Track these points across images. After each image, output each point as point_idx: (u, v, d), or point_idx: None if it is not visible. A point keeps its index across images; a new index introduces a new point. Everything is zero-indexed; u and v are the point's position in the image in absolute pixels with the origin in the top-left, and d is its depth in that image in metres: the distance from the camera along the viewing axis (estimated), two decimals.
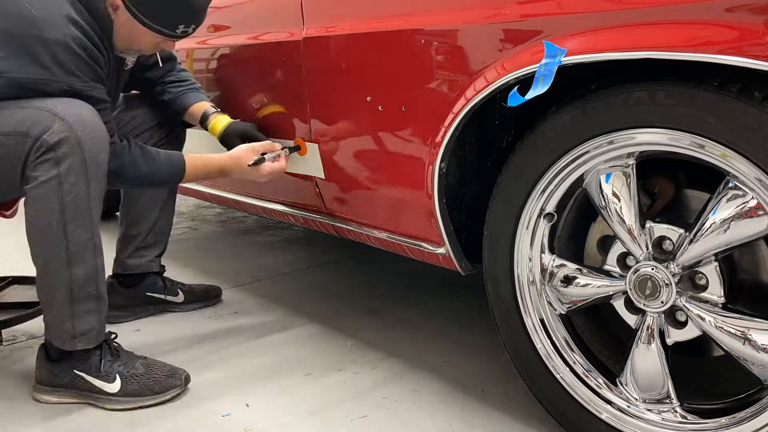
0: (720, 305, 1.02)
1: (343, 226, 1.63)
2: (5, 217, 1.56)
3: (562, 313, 1.21)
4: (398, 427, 1.32)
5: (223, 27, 1.84)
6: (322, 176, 1.59)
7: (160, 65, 1.72)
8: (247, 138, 1.68)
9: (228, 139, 1.70)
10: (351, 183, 1.53)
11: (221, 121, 1.73)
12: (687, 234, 1.02)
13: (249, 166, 1.59)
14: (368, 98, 1.38)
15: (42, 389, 1.44)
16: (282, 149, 1.63)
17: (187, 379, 1.47)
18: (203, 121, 1.76)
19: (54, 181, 1.28)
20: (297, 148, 1.62)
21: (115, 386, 1.41)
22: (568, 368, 1.20)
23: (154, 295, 1.92)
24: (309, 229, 1.83)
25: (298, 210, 1.77)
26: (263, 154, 1.61)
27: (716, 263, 1.01)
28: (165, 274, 1.97)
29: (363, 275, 2.25)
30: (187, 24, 1.41)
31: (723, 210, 0.97)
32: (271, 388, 1.48)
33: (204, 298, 2.00)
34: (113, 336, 1.50)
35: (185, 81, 1.81)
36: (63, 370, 1.41)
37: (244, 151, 1.61)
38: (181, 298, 1.96)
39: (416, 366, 1.57)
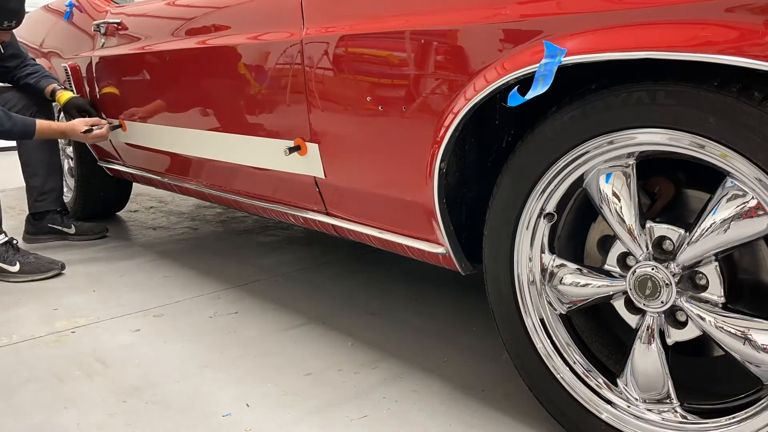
0: (720, 305, 1.02)
1: (343, 226, 1.63)
2: None
3: (562, 313, 1.21)
4: (398, 427, 1.32)
5: (223, 27, 1.84)
6: (322, 176, 1.59)
7: (1, 52, 2.45)
8: (82, 110, 2.48)
9: (68, 110, 2.49)
10: (351, 183, 1.53)
11: (65, 95, 2.51)
12: (687, 234, 1.02)
13: (81, 132, 2.36)
14: (368, 98, 1.38)
15: None
16: (107, 124, 2.40)
17: (63, 266, 2.31)
18: (52, 96, 2.54)
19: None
20: (297, 148, 1.61)
21: (15, 268, 2.24)
22: (568, 368, 1.20)
23: (53, 226, 2.70)
24: (309, 229, 1.83)
25: (298, 210, 1.77)
26: (93, 125, 2.39)
27: (716, 263, 1.01)
28: (69, 218, 2.77)
29: (363, 275, 2.25)
30: (9, 20, 2.20)
31: (723, 210, 0.97)
32: (271, 388, 1.48)
33: (90, 232, 2.77)
34: (16, 241, 2.32)
35: (39, 71, 2.58)
36: None
37: (78, 121, 2.38)
38: (73, 230, 2.73)
39: (416, 366, 1.57)
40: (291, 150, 1.62)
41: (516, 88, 1.08)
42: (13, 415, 1.39)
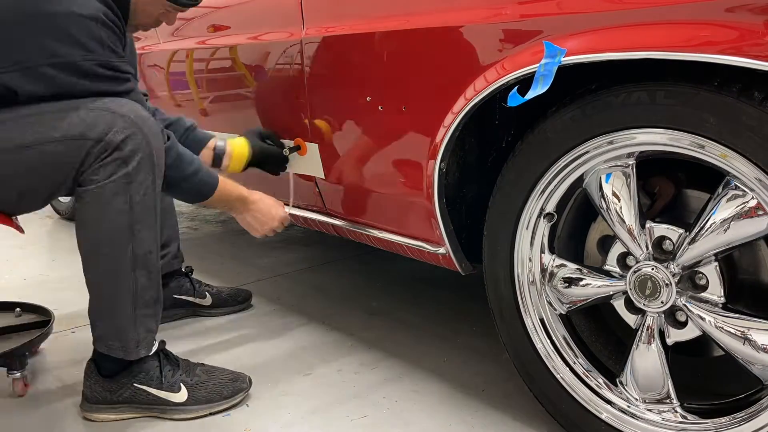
0: (720, 305, 1.02)
1: (343, 226, 1.63)
2: (21, 231, 1.38)
3: (562, 313, 1.22)
4: (398, 427, 1.32)
5: (223, 27, 1.84)
6: (322, 176, 1.59)
7: None
8: (267, 136, 1.65)
9: (261, 164, 1.65)
10: (351, 183, 1.53)
11: (241, 144, 1.63)
12: (687, 234, 1.02)
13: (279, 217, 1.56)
14: (368, 98, 1.38)
15: (95, 407, 1.35)
16: (283, 149, 1.63)
17: (251, 382, 1.44)
18: (217, 158, 1.63)
19: (123, 180, 1.19)
20: (297, 148, 1.62)
21: (182, 395, 1.36)
22: (568, 368, 1.20)
23: (182, 297, 1.86)
24: (309, 229, 1.83)
25: (297, 210, 1.77)
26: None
27: (716, 263, 1.01)
28: (201, 282, 1.92)
29: (363, 275, 2.25)
30: None
31: (723, 210, 0.97)
32: (271, 388, 1.48)
33: (231, 302, 1.92)
34: (165, 344, 1.42)
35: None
36: (121, 385, 1.34)
37: (275, 200, 1.58)
38: (209, 301, 1.89)
39: (416, 366, 1.57)
40: (291, 150, 1.62)
41: (516, 88, 1.08)
42: (16, 414, 1.39)
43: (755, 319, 0.98)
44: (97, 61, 1.21)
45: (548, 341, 1.22)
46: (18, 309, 1.64)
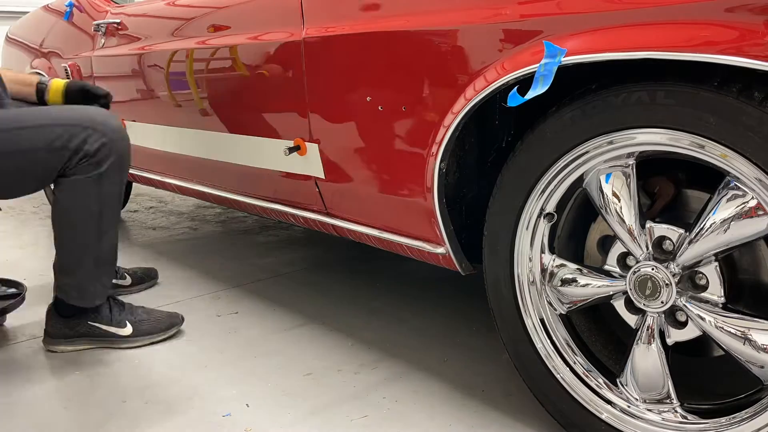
0: (720, 305, 1.02)
1: (343, 226, 1.63)
2: None
3: (562, 313, 1.21)
4: (398, 427, 1.32)
5: (223, 27, 1.84)
6: (323, 176, 1.59)
7: None
8: (87, 92, 1.83)
9: (72, 96, 1.81)
10: (351, 183, 1.53)
11: (58, 83, 1.82)
12: (687, 234, 1.02)
13: None
14: (368, 98, 1.38)
15: (56, 341, 1.68)
16: (283, 149, 1.69)
17: (183, 319, 1.79)
18: (40, 93, 1.81)
19: (96, 178, 1.52)
20: (297, 148, 1.61)
21: (127, 330, 1.70)
22: (568, 368, 1.20)
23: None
24: (309, 229, 1.83)
25: (298, 210, 1.77)
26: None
27: (716, 263, 1.01)
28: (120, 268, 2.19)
29: (363, 275, 2.25)
30: None
31: (723, 210, 0.97)
32: (271, 388, 1.48)
33: (145, 279, 2.22)
34: (115, 292, 1.81)
35: None
36: (78, 323, 1.67)
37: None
38: (129, 281, 2.17)
39: (416, 366, 1.57)
40: (291, 150, 1.62)
41: (516, 88, 1.08)
42: (13, 416, 1.39)
43: (755, 319, 0.98)
44: None
45: (548, 341, 1.22)
46: None
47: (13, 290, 1.95)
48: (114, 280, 2.06)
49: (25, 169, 1.50)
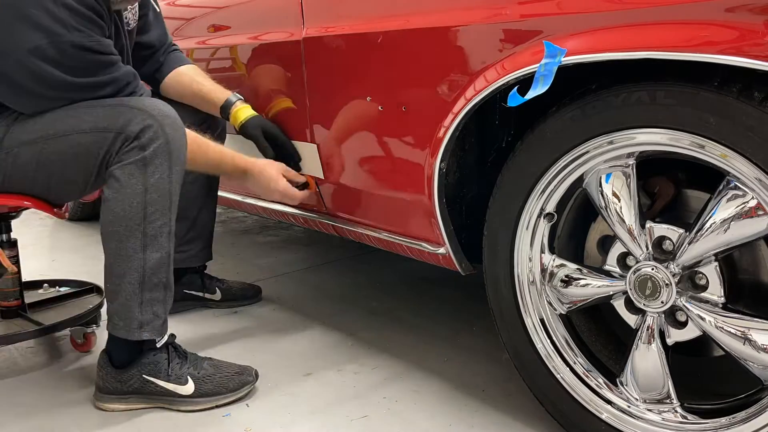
0: (720, 305, 1.02)
1: (343, 226, 1.63)
2: (61, 217, 1.58)
3: (562, 313, 1.21)
4: (398, 427, 1.32)
5: (223, 27, 1.84)
6: (322, 176, 1.59)
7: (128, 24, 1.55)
8: (274, 140, 1.65)
9: (250, 136, 1.66)
10: (351, 183, 1.53)
11: (243, 111, 1.67)
12: (687, 234, 1.02)
13: (278, 186, 1.56)
14: (368, 98, 1.38)
15: (106, 397, 1.40)
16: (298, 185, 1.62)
17: (257, 375, 1.47)
18: (225, 112, 1.70)
19: (139, 164, 1.28)
20: (306, 185, 1.62)
21: (189, 388, 1.39)
22: (568, 368, 1.20)
23: (191, 292, 1.93)
24: (309, 229, 1.83)
25: (298, 210, 1.77)
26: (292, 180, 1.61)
27: (716, 263, 1.01)
28: (213, 279, 1.98)
29: (363, 275, 2.25)
30: None
31: (723, 210, 0.97)
32: (271, 388, 1.48)
33: (241, 296, 1.98)
34: (175, 338, 1.46)
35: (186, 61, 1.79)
36: (131, 376, 1.38)
37: (277, 166, 1.58)
38: (218, 296, 1.95)
39: (416, 366, 1.57)
40: (301, 187, 1.61)
41: (516, 88, 1.08)
42: (14, 417, 1.39)
43: (755, 319, 0.98)
44: (61, 43, 1.25)
45: (548, 341, 1.22)
46: (45, 284, 1.84)
47: (63, 289, 1.81)
48: (199, 293, 1.93)
49: (72, 154, 1.31)
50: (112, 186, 1.30)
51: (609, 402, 1.16)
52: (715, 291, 1.02)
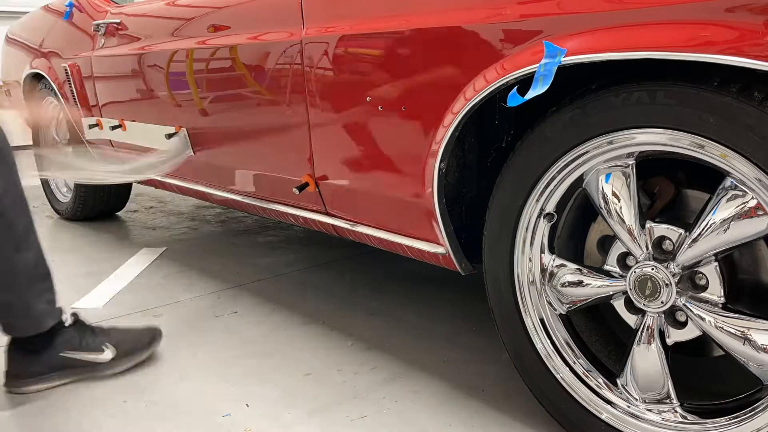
0: (720, 305, 1.02)
1: (343, 226, 1.63)
2: None
3: (562, 313, 1.22)
4: (398, 427, 1.32)
5: (223, 27, 1.84)
6: (322, 176, 1.59)
7: None
8: None
9: None
10: (351, 183, 1.53)
11: None
12: (687, 234, 1.02)
13: None
14: (368, 98, 1.38)
15: (26, 382, 1.43)
16: (293, 189, 1.64)
17: (161, 331, 1.59)
18: None
19: None
20: (306, 185, 1.63)
21: (108, 354, 1.46)
22: (568, 368, 1.20)
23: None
24: (309, 229, 1.83)
25: (298, 210, 1.77)
26: None
27: (716, 263, 1.01)
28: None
29: (363, 275, 2.25)
30: None
31: (723, 210, 0.97)
32: (271, 388, 1.48)
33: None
34: (79, 315, 1.53)
35: None
36: (49, 357, 1.42)
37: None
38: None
39: (416, 366, 1.57)
40: (300, 189, 1.62)
41: (516, 88, 1.08)
42: (14, 416, 1.39)
43: (755, 319, 0.98)
44: None
45: (548, 341, 1.22)
46: None
47: None
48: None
49: None
50: None
51: (609, 402, 1.16)
52: (715, 291, 1.02)
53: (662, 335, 1.09)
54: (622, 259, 1.13)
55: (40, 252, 1.40)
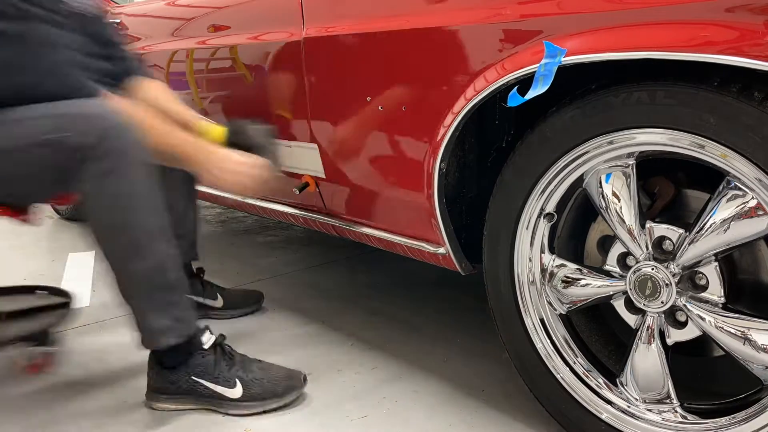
0: (720, 305, 1.02)
1: (343, 226, 1.63)
2: (27, 222, 1.47)
3: (562, 313, 1.21)
4: (398, 427, 1.32)
5: (223, 27, 1.84)
6: (323, 176, 1.59)
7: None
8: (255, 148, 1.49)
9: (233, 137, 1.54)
10: (351, 183, 1.53)
11: (215, 131, 1.55)
12: (687, 234, 1.02)
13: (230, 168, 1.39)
14: (368, 98, 1.38)
15: (158, 397, 1.40)
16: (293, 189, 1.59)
17: (305, 380, 1.45)
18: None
19: (99, 176, 1.21)
20: (306, 185, 1.63)
21: (237, 391, 1.37)
22: (568, 368, 1.20)
23: (192, 297, 1.64)
24: (309, 229, 1.83)
25: (298, 210, 1.77)
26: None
27: (716, 263, 1.01)
28: (212, 285, 1.92)
29: (363, 275, 2.25)
30: None
31: (723, 210, 0.97)
32: None
33: (243, 304, 1.92)
34: (225, 339, 1.46)
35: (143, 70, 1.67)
36: (180, 377, 1.38)
37: (231, 153, 1.41)
38: (220, 302, 1.89)
39: (416, 366, 1.57)
40: (300, 189, 1.63)
41: (516, 88, 1.08)
42: (13, 413, 1.39)
43: (755, 319, 0.98)
44: None
45: (548, 341, 1.22)
46: (37, 291, 1.73)
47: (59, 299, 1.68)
48: (200, 299, 1.83)
49: (22, 166, 1.25)
50: (83, 203, 1.25)
51: (609, 402, 1.16)
52: (715, 291, 1.02)
53: (662, 335, 1.09)
54: (622, 259, 1.13)
55: (165, 257, 1.30)
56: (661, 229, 1.06)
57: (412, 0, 1.29)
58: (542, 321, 1.22)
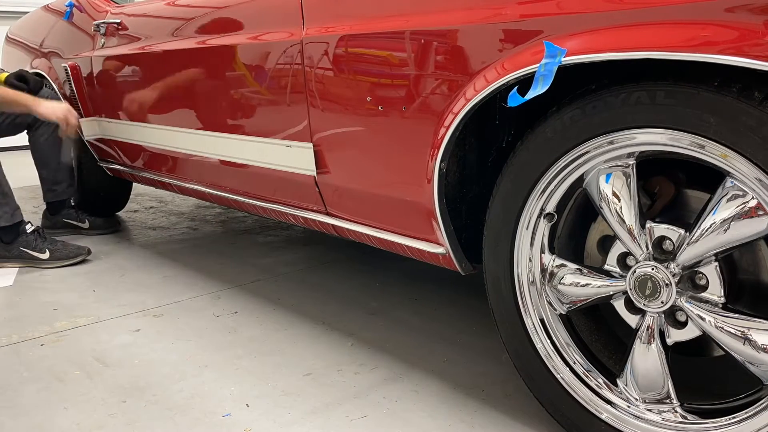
0: (720, 305, 1.02)
1: (343, 226, 1.63)
2: None
3: (562, 313, 1.21)
4: (398, 427, 1.32)
5: (224, 27, 1.84)
6: (323, 176, 1.59)
7: None
8: (23, 80, 2.51)
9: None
10: (351, 183, 1.53)
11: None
12: (687, 234, 1.02)
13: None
14: (368, 98, 1.38)
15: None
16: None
17: (89, 252, 2.48)
18: None
19: None
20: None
21: (45, 255, 2.39)
22: (568, 368, 1.20)
23: (69, 221, 2.84)
24: (309, 229, 1.83)
25: (298, 210, 1.77)
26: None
27: (716, 263, 1.01)
28: (83, 213, 2.88)
29: (363, 275, 2.25)
30: None
31: (723, 210, 0.97)
32: (271, 388, 1.48)
33: (103, 226, 2.89)
34: (42, 230, 2.48)
35: None
36: (13, 247, 2.38)
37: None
38: (87, 224, 2.86)
39: (416, 366, 1.57)
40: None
41: (516, 88, 1.08)
42: (14, 416, 1.39)
43: (755, 319, 0.98)
44: None
45: (548, 341, 1.22)
46: None
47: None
48: (74, 221, 2.84)
49: None
50: None
51: (609, 402, 1.16)
52: (715, 291, 1.02)
53: (662, 335, 1.09)
54: (622, 259, 1.13)
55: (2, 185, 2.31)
56: (661, 229, 1.06)
57: (412, 0, 1.29)
58: (542, 321, 1.22)
